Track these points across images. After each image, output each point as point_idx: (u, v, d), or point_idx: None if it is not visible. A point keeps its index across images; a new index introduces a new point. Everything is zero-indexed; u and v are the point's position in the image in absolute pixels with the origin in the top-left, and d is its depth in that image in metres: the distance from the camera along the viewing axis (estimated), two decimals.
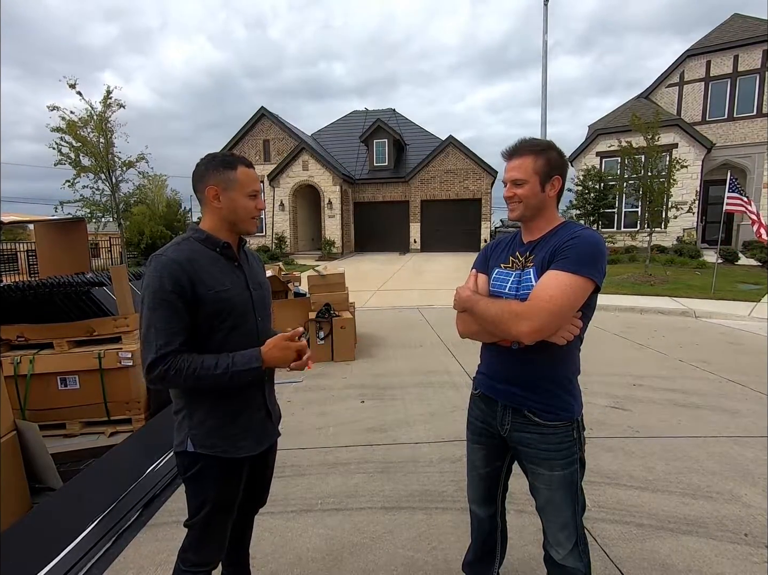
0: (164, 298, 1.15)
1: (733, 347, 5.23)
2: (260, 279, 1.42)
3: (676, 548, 1.95)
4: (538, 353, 1.26)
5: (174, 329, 1.16)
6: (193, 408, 1.27)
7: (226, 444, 1.28)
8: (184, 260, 1.19)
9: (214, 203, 1.26)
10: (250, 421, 1.33)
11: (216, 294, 1.22)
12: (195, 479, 1.29)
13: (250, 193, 1.28)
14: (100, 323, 3.21)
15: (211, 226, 1.30)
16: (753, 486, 2.41)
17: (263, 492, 1.57)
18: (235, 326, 1.26)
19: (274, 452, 1.54)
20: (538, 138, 1.33)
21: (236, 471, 1.32)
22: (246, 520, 1.58)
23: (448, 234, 18.03)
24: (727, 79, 14.58)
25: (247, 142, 18.16)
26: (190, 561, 1.34)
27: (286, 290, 5.73)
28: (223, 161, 1.27)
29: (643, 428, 3.13)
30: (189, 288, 1.18)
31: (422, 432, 3.15)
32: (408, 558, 1.93)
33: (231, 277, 1.29)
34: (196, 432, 1.26)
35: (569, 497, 1.30)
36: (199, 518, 1.30)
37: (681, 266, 10.91)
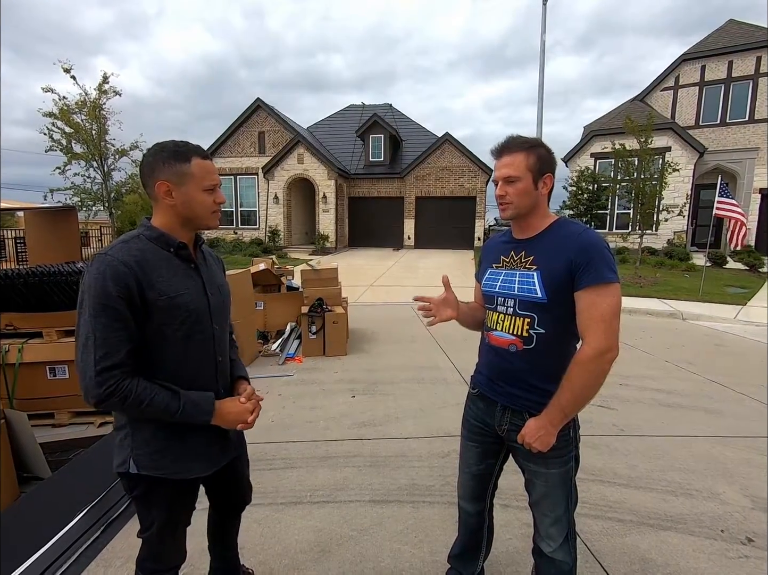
0: (107, 303, 1.01)
1: (718, 349, 5.33)
2: (219, 282, 1.29)
3: (655, 543, 2.01)
4: (537, 355, 1.27)
5: (117, 339, 1.02)
6: (136, 427, 1.14)
7: (175, 467, 1.16)
8: (131, 260, 1.05)
9: (167, 199, 1.12)
10: (202, 442, 1.21)
11: (168, 300, 1.09)
12: (141, 499, 1.20)
13: (206, 187, 1.15)
14: None
15: (164, 223, 1.15)
16: (731, 485, 2.48)
17: (242, 498, 1.52)
18: (189, 336, 1.15)
19: (243, 461, 1.46)
20: (524, 136, 1.31)
21: (186, 490, 1.23)
22: (230, 520, 1.56)
23: (443, 231, 18.06)
24: (721, 85, 14.74)
25: (242, 133, 17.99)
26: (149, 569, 1.28)
27: (279, 284, 5.72)
28: (174, 152, 1.12)
29: (628, 427, 3.20)
30: (137, 293, 1.04)
31: (412, 427, 3.18)
32: (395, 550, 1.96)
33: (186, 281, 1.16)
34: (140, 452, 1.13)
35: (564, 493, 1.33)
36: (151, 532, 1.23)
37: (671, 269, 11.07)
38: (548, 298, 1.22)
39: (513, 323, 1.29)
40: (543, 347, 1.26)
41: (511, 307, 1.30)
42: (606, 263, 1.18)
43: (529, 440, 1.24)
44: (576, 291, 1.20)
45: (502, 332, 1.32)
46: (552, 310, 1.23)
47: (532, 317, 1.26)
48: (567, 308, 1.22)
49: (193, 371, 1.18)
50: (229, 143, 17.98)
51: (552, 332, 1.25)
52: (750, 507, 2.28)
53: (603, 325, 1.16)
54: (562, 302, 1.22)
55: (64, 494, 2.18)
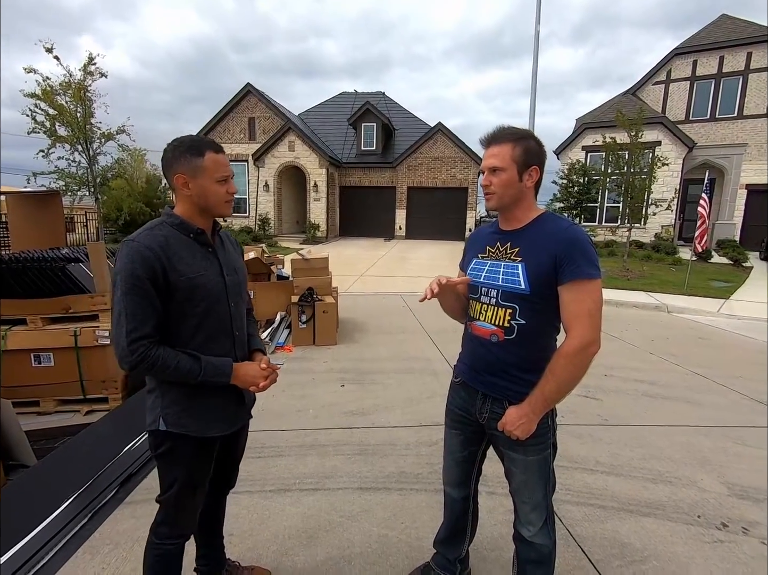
0: (135, 284, 1.15)
1: (701, 342, 5.45)
2: (236, 265, 1.41)
3: (635, 529, 2.07)
4: (517, 345, 1.29)
5: (145, 315, 1.17)
6: (165, 389, 1.28)
7: (197, 424, 1.29)
8: (156, 246, 1.19)
9: (184, 190, 1.25)
10: (221, 404, 1.34)
11: (188, 281, 1.22)
12: (166, 457, 1.32)
13: (219, 179, 1.26)
14: (77, 300, 3.15)
15: (185, 211, 1.29)
16: (709, 473, 2.56)
17: (232, 474, 1.60)
18: (208, 312, 1.28)
19: (245, 433, 1.57)
20: (516, 126, 1.31)
21: (207, 449, 1.35)
22: (217, 501, 1.60)
23: (434, 222, 18.04)
24: (712, 80, 14.83)
25: (232, 118, 17.67)
26: (163, 534, 1.38)
27: (269, 273, 5.68)
28: (190, 147, 1.24)
29: (612, 416, 3.27)
30: (161, 274, 1.18)
31: (400, 416, 3.22)
32: (382, 536, 1.99)
33: (204, 263, 1.29)
34: (168, 411, 1.28)
35: (542, 479, 1.36)
36: (170, 494, 1.33)
37: (657, 262, 11.23)
38: (531, 290, 1.24)
39: (495, 313, 1.32)
40: (523, 337, 1.28)
41: (494, 297, 1.32)
42: (590, 259, 1.21)
43: (510, 428, 1.27)
44: (560, 285, 1.22)
45: (485, 323, 1.34)
46: (533, 301, 1.26)
47: (513, 307, 1.28)
48: (548, 301, 1.25)
49: (213, 343, 1.30)
50: (218, 129, 17.66)
51: (532, 324, 1.28)
52: (726, 494, 2.36)
53: (588, 319, 1.20)
54: (543, 295, 1.25)
55: (51, 481, 2.17)
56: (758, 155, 14.34)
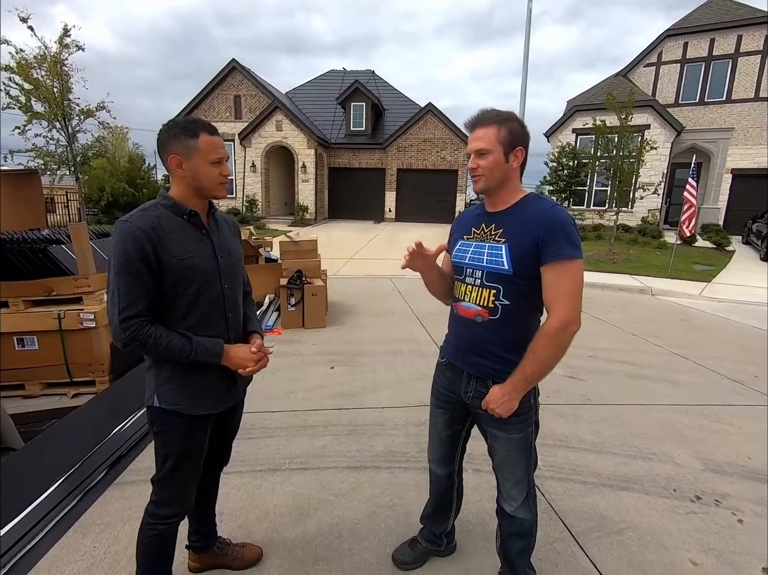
0: (128, 263, 1.17)
1: (682, 324, 5.59)
2: (230, 246, 1.41)
3: (613, 502, 2.16)
4: (501, 326, 1.31)
5: (137, 294, 1.19)
6: (160, 366, 1.31)
7: (188, 402, 1.32)
8: (148, 227, 1.20)
9: (178, 171, 1.26)
10: (213, 382, 1.36)
11: (180, 262, 1.23)
12: (160, 433, 1.34)
13: (213, 160, 1.26)
14: (59, 283, 3.09)
15: (179, 193, 1.30)
16: (685, 449, 2.66)
17: (225, 452, 1.62)
18: (200, 293, 1.28)
19: (239, 411, 1.59)
20: (496, 109, 1.32)
21: (200, 427, 1.37)
22: (210, 480, 1.62)
23: (424, 204, 17.96)
24: (702, 63, 14.81)
25: (217, 96, 17.16)
26: (157, 514, 1.39)
27: (257, 255, 5.63)
28: (184, 128, 1.24)
29: (595, 396, 3.36)
30: (152, 254, 1.19)
31: (389, 397, 3.26)
32: (371, 512, 2.04)
33: (196, 245, 1.29)
34: (162, 389, 1.31)
35: (523, 457, 1.40)
36: (164, 471, 1.35)
37: (643, 246, 11.38)
38: (514, 270, 1.26)
39: (480, 294, 1.33)
40: (507, 318, 1.30)
41: (479, 278, 1.33)
42: (571, 240, 1.22)
43: (493, 406, 1.30)
44: (542, 266, 1.24)
45: (470, 303, 1.36)
46: (517, 282, 1.28)
47: (498, 288, 1.30)
48: (531, 281, 1.27)
49: (205, 324, 1.31)
50: (203, 107, 17.15)
51: (516, 304, 1.30)
52: (700, 469, 2.46)
53: (568, 299, 1.22)
54: (526, 276, 1.27)
55: (39, 464, 2.16)
56: (744, 139, 14.47)
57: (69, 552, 1.77)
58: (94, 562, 1.72)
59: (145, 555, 1.41)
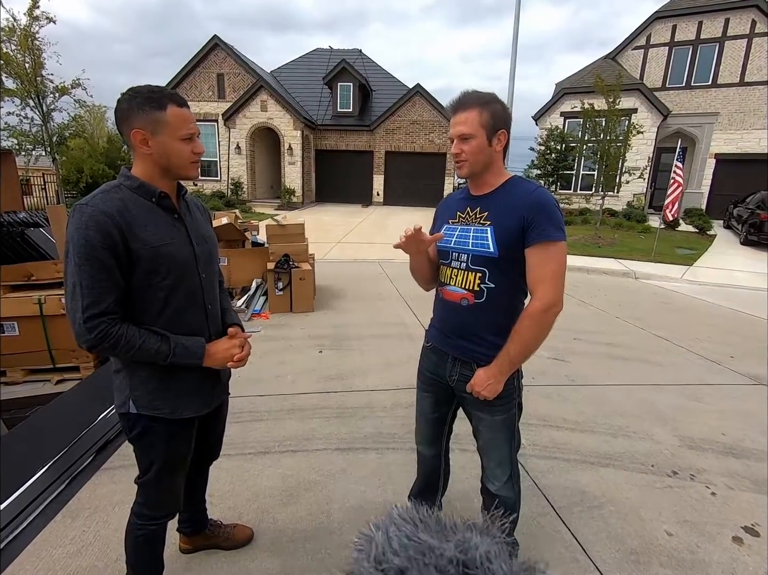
0: (91, 254, 1.02)
1: (664, 307, 5.72)
2: (204, 232, 1.29)
3: (594, 478, 2.23)
4: (487, 309, 1.32)
5: (103, 289, 1.05)
6: (132, 369, 1.19)
7: (170, 406, 1.21)
8: (114, 211, 1.05)
9: (143, 148, 1.10)
10: (196, 383, 1.26)
11: (153, 250, 1.10)
12: (141, 440, 1.24)
13: (183, 136, 1.12)
14: (39, 267, 3.02)
15: (144, 172, 1.14)
16: (664, 427, 2.75)
17: (215, 447, 1.57)
18: (177, 284, 1.17)
19: (225, 409, 1.51)
20: (481, 90, 1.30)
21: (184, 430, 1.28)
22: (199, 473, 1.60)
23: (412, 188, 17.84)
24: (690, 46, 14.81)
25: (198, 74, 16.60)
26: (146, 516, 1.32)
27: (243, 239, 5.55)
28: (148, 98, 1.07)
29: (579, 377, 3.44)
30: (121, 243, 1.05)
31: (377, 380, 3.29)
32: (360, 492, 2.08)
33: (170, 231, 1.16)
34: (138, 393, 1.19)
35: (507, 438, 1.44)
36: (149, 476, 1.27)
37: (628, 230, 11.53)
38: (499, 253, 1.27)
39: (465, 277, 1.34)
40: (493, 301, 1.31)
41: (464, 262, 1.34)
42: (555, 222, 1.23)
43: (478, 389, 1.32)
44: (526, 248, 1.25)
45: (455, 287, 1.37)
46: (502, 265, 1.28)
47: (483, 271, 1.30)
48: (516, 264, 1.28)
49: (183, 318, 1.20)
50: (184, 85, 16.59)
51: (501, 287, 1.31)
52: (678, 445, 2.55)
53: (551, 281, 1.24)
54: (511, 258, 1.27)
55: (24, 450, 2.15)
56: (728, 124, 14.62)
57: (58, 536, 1.77)
58: (83, 545, 1.73)
59: (138, 553, 1.36)
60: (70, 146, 13.76)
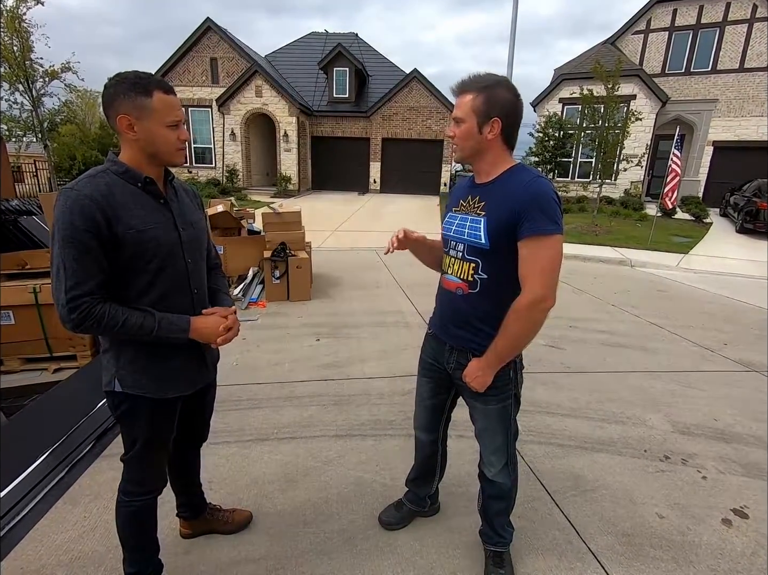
0: (75, 237, 1.04)
1: (659, 294, 5.76)
2: (191, 218, 1.30)
3: (588, 463, 2.27)
4: (480, 299, 1.32)
5: (86, 271, 1.07)
6: (119, 349, 1.22)
7: (155, 385, 1.24)
8: (98, 195, 1.07)
9: (129, 133, 1.11)
10: (181, 363, 1.29)
11: (137, 234, 1.12)
12: (125, 417, 1.28)
13: (169, 123, 1.13)
14: (33, 256, 2.99)
15: (131, 158, 1.16)
16: (657, 413, 2.79)
17: (202, 430, 1.59)
18: (162, 269, 1.18)
19: (212, 391, 1.53)
20: (491, 74, 1.24)
21: (167, 409, 1.31)
22: (190, 455, 1.61)
23: (409, 175, 17.70)
24: (690, 31, 14.64)
25: (191, 59, 16.26)
26: (131, 492, 1.36)
27: (239, 227, 5.51)
28: (135, 84, 1.08)
29: (574, 364, 3.47)
30: (105, 227, 1.07)
31: (375, 368, 3.31)
32: (357, 477, 2.11)
33: (155, 215, 1.17)
34: (124, 372, 1.22)
35: (502, 426, 1.45)
36: (133, 453, 1.31)
37: (625, 218, 11.53)
38: (490, 244, 1.24)
39: (461, 267, 1.34)
40: (486, 292, 1.31)
41: (461, 251, 1.33)
42: (549, 215, 1.17)
43: (469, 379, 1.35)
44: (519, 240, 1.21)
45: (452, 276, 1.37)
46: (494, 257, 1.26)
47: (477, 262, 1.29)
48: (508, 256, 1.24)
49: (169, 302, 1.22)
50: (177, 70, 16.27)
51: (494, 279, 1.29)
52: (670, 431, 2.60)
53: (540, 276, 1.19)
54: (504, 250, 1.24)
55: (24, 438, 2.16)
56: (727, 111, 14.54)
57: (59, 522, 1.79)
58: (85, 531, 1.75)
59: (127, 530, 1.39)
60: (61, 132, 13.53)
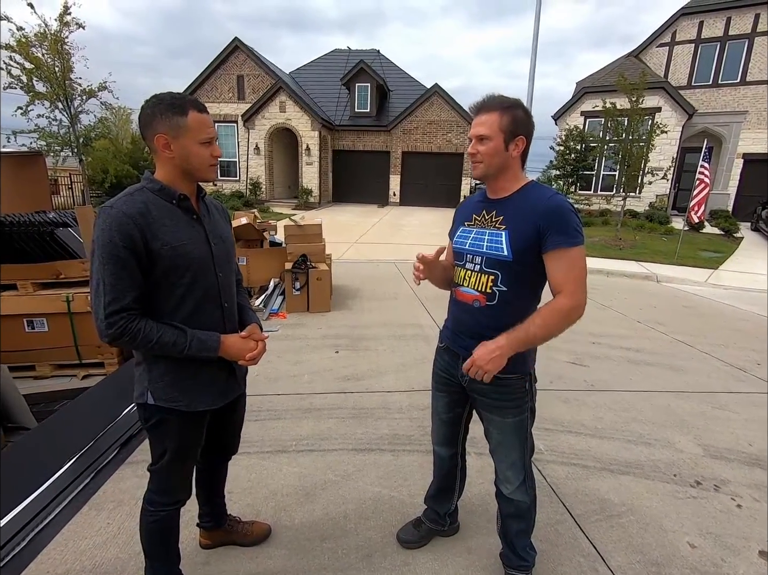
0: (114, 253, 1.09)
1: (687, 311, 5.58)
2: (222, 233, 1.35)
3: (614, 486, 2.19)
4: (498, 311, 1.33)
5: (124, 286, 1.12)
6: (152, 362, 1.26)
7: (186, 398, 1.28)
8: (135, 213, 1.13)
9: (165, 152, 1.17)
10: (211, 377, 1.32)
11: (172, 250, 1.16)
12: (155, 429, 1.31)
13: (203, 140, 1.18)
14: (67, 266, 3.11)
15: (166, 176, 1.21)
16: (686, 435, 2.68)
17: (233, 442, 1.61)
18: (195, 282, 1.23)
19: (242, 404, 1.55)
20: (505, 96, 1.31)
21: (197, 422, 1.34)
22: (218, 468, 1.64)
23: (429, 189, 17.78)
24: (717, 43, 14.36)
25: (219, 76, 16.87)
26: (157, 502, 1.38)
27: (261, 239, 5.62)
28: (171, 105, 1.14)
29: (598, 382, 3.38)
30: (141, 243, 1.12)
31: (393, 381, 3.30)
32: (376, 493, 2.09)
33: (189, 231, 1.22)
34: (156, 385, 1.26)
35: (518, 441, 1.43)
36: (161, 464, 1.34)
37: (650, 232, 11.27)
38: (513, 257, 1.28)
39: (479, 279, 1.35)
40: (504, 303, 1.32)
41: (478, 264, 1.35)
42: (572, 227, 1.24)
43: (480, 363, 1.23)
44: (544, 253, 1.26)
45: (468, 288, 1.38)
46: (515, 269, 1.29)
47: (496, 274, 1.31)
48: (529, 269, 1.29)
49: (200, 315, 1.26)
50: (205, 87, 16.89)
51: (513, 291, 1.31)
52: (701, 455, 2.49)
53: (579, 283, 1.25)
54: (525, 263, 1.28)
55: (52, 443, 2.22)
56: (757, 122, 14.13)
57: (84, 527, 1.83)
58: (108, 537, 1.78)
59: (151, 540, 1.41)
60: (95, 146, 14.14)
